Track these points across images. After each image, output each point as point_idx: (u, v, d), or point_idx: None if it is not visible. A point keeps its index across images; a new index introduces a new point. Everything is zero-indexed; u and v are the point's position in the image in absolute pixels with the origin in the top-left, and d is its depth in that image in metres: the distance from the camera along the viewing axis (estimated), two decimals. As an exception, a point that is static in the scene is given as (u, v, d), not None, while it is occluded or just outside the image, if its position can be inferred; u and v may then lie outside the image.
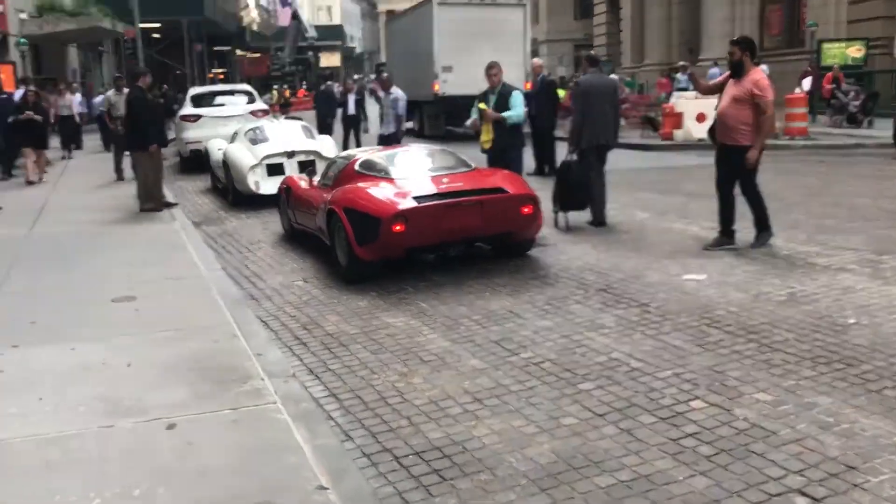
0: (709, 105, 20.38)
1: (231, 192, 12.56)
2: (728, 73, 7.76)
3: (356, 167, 7.91)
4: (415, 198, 7.02)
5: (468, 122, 10.17)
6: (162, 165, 11.46)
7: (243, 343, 5.31)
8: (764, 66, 27.71)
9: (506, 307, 6.31)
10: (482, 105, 9.45)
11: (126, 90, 15.09)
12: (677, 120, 20.39)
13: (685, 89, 22.72)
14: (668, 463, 3.74)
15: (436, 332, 5.82)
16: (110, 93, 15.53)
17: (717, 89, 7.96)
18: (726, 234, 7.82)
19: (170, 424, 4.01)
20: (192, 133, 17.11)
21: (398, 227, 6.83)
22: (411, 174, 7.66)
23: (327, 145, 12.74)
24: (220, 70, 54.06)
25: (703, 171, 14.47)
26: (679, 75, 24.31)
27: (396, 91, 13.23)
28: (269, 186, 11.97)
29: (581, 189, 8.99)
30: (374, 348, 5.53)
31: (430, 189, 7.22)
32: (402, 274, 7.38)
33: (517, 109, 9.21)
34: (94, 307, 6.31)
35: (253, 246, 9.32)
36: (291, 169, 12.20)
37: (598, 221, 9.26)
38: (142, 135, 10.90)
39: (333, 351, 5.52)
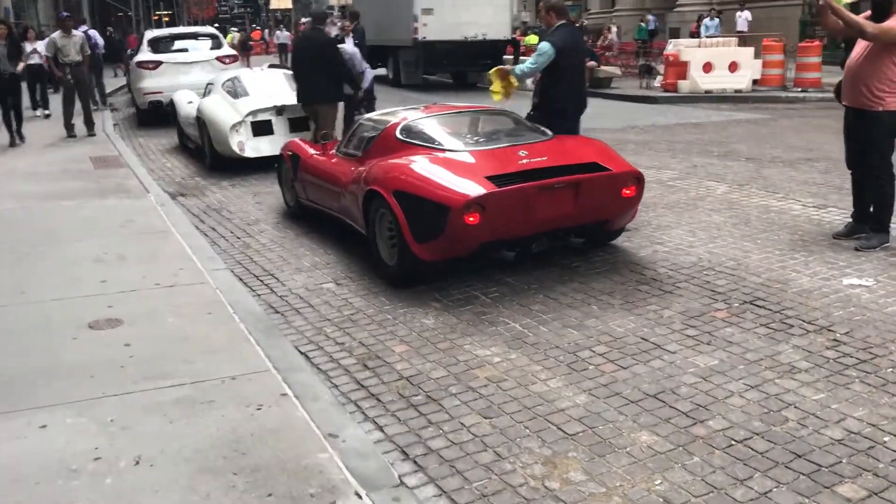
0: (717, 55, 18.94)
1: (209, 155, 10.61)
2: (869, 12, 6.03)
3: (398, 134, 6.11)
4: (490, 178, 5.28)
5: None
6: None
7: (301, 411, 3.58)
8: (746, 13, 26.39)
9: (632, 330, 4.67)
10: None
11: (78, 31, 13.04)
12: (682, 70, 18.78)
13: (714, 37, 21.20)
14: None
15: (556, 374, 4.16)
16: (56, 35, 13.27)
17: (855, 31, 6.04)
18: (862, 221, 6.24)
19: None
20: (152, 82, 15.00)
21: (472, 219, 5.11)
22: (476, 145, 5.90)
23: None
24: (166, 12, 50.75)
25: (739, 128, 12.97)
26: (707, 20, 22.54)
27: (344, 48, 11.11)
28: (256, 148, 10.11)
29: None
30: (482, 406, 3.86)
31: (508, 166, 5.48)
32: (463, 273, 5.69)
33: (528, 59, 7.24)
34: (64, 339, 4.50)
35: (251, 228, 7.50)
36: (281, 127, 10.33)
37: None
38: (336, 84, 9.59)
39: (424, 412, 3.83)
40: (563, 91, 6.98)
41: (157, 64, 15.14)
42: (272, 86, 10.78)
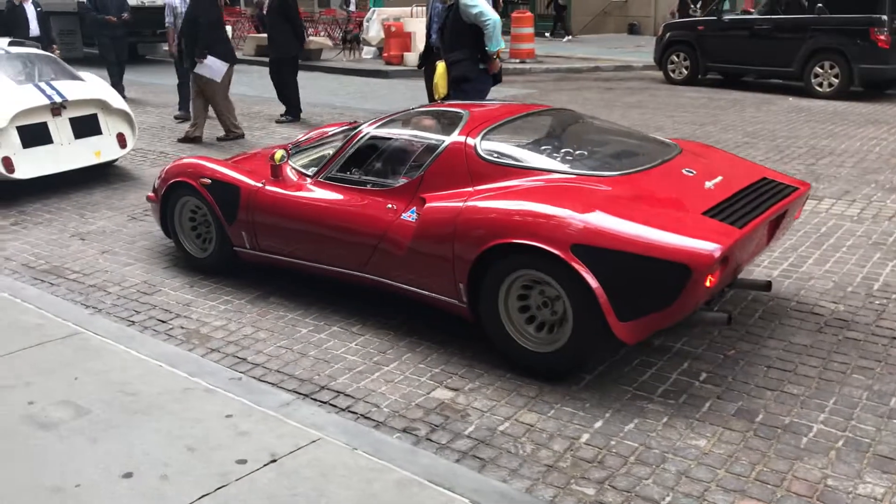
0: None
1: (-56, 177, 7.10)
2: None
3: (481, 153, 4.18)
4: (717, 216, 3.74)
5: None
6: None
7: None
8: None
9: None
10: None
11: None
12: (404, 42, 17.74)
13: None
14: None
15: None
16: None
17: None
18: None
19: None
20: None
21: (713, 279, 3.55)
22: (618, 166, 4.19)
23: (110, 92, 7.82)
24: None
25: (571, 104, 12.17)
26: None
27: None
28: (31, 166, 7.00)
29: None
30: None
31: (705, 196, 3.95)
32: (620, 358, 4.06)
33: (487, 27, 6.74)
34: None
35: (161, 300, 4.91)
36: (63, 133, 7.25)
37: None
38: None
39: None
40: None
41: None
42: (31, 71, 7.51)
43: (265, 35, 12.44)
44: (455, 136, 4.31)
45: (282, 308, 4.75)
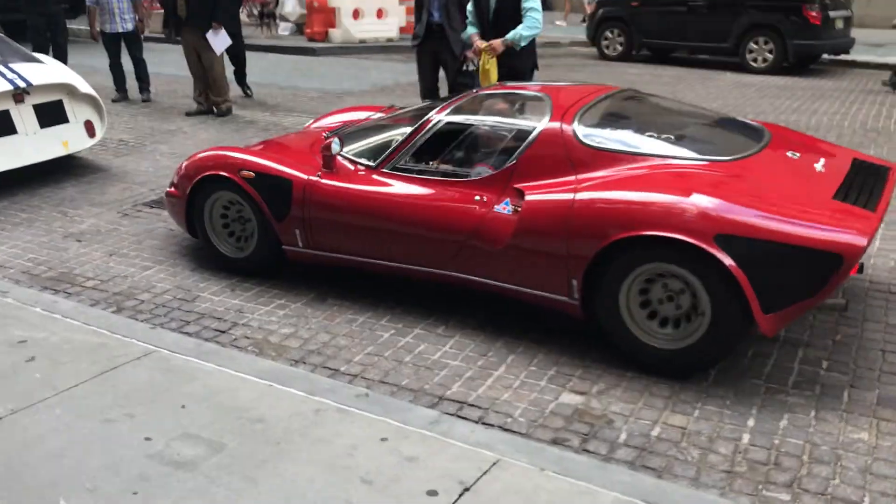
0: (364, 1, 17.56)
1: None
2: None
3: (582, 138, 3.94)
4: (846, 200, 3.64)
5: (468, 40, 6.59)
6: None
7: None
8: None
9: None
10: (479, 41, 6.37)
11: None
12: (327, 17, 17.15)
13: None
14: None
15: None
16: None
17: None
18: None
19: None
20: None
21: (856, 266, 3.46)
22: (721, 151, 4.02)
23: (74, 75, 7.08)
24: None
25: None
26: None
27: None
28: (-5, 158, 6.30)
29: None
30: None
31: (822, 181, 3.86)
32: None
33: (532, 18, 6.17)
34: None
35: (205, 306, 4.45)
36: (27, 122, 6.54)
37: None
38: None
39: None
40: None
41: None
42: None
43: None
44: (547, 122, 4.05)
45: (347, 310, 4.38)
